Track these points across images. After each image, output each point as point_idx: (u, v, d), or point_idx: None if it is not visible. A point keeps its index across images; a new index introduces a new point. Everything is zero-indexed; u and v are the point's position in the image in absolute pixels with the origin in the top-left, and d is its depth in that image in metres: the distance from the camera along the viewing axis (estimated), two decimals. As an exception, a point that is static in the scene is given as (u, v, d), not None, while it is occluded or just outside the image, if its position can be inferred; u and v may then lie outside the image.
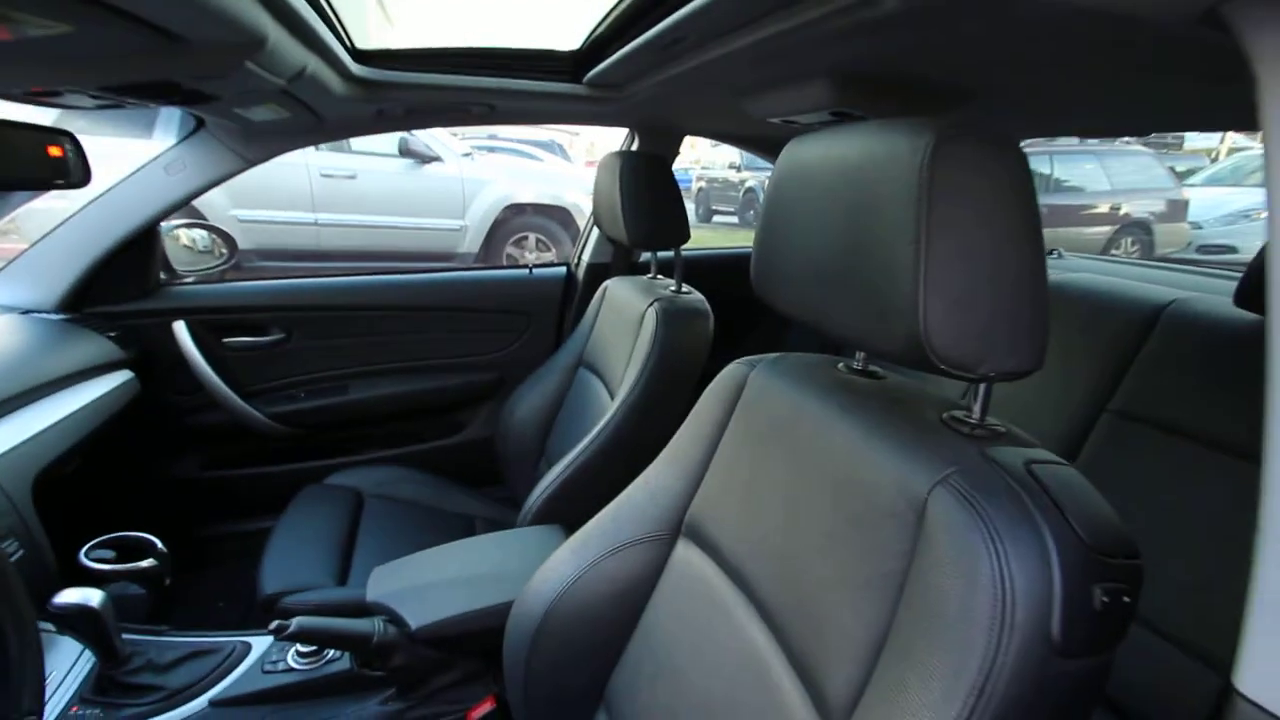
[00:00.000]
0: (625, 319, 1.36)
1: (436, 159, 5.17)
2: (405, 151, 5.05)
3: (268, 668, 0.95)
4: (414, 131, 5.04)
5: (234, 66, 0.65)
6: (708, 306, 1.32)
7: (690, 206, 2.03)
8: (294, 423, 1.60)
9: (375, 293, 1.65)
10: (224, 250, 1.67)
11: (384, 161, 5.06)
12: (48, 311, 1.32)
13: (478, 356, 1.78)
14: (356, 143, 5.05)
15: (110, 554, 0.99)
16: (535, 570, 0.91)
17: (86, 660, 0.89)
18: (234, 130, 1.28)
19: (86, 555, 0.97)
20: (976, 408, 0.55)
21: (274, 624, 0.87)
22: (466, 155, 5.50)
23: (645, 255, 1.57)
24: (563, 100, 1.34)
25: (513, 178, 5.54)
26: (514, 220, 5.48)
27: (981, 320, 0.47)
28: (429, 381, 1.74)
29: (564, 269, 1.86)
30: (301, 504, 1.38)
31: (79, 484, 1.21)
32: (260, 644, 1.01)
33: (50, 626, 0.89)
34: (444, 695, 0.97)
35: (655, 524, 0.83)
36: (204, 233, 1.68)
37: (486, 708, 0.96)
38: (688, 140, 1.82)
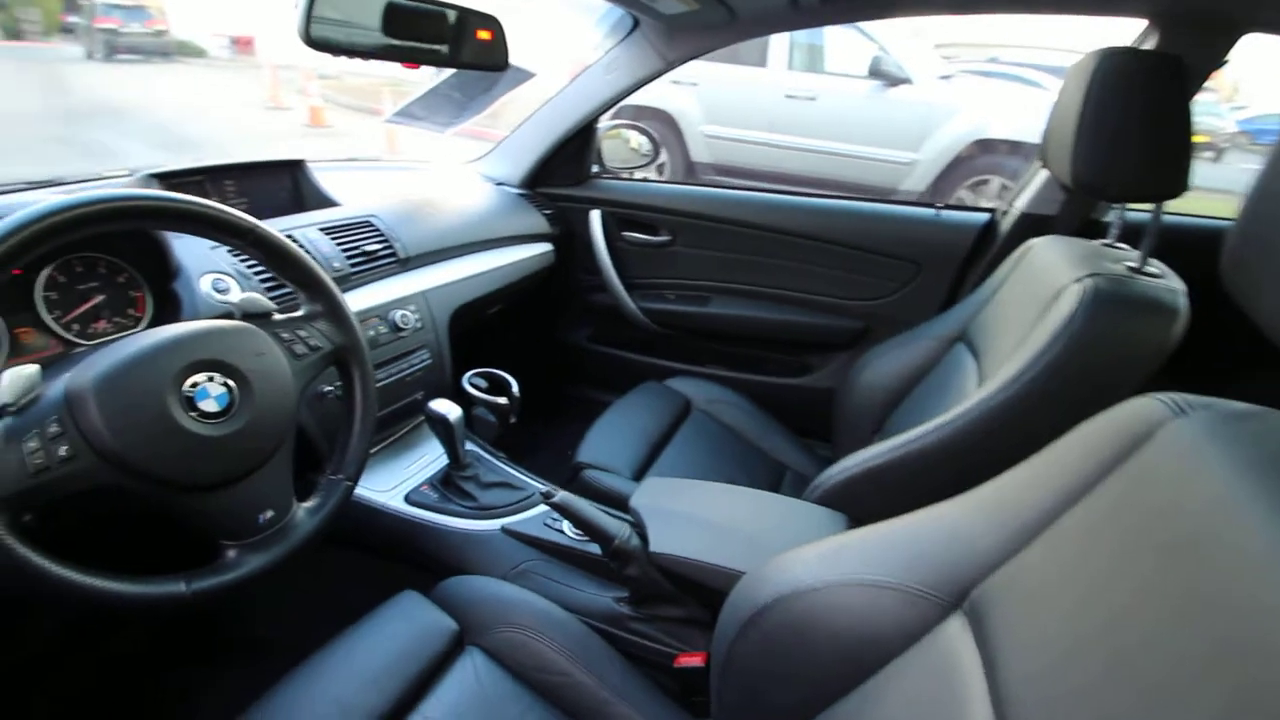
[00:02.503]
0: (1036, 291, 0.98)
1: (906, 81, 4.69)
2: (875, 72, 4.71)
3: (549, 522, 1.07)
4: (890, 50, 4.66)
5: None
6: (1180, 300, 0.85)
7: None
8: (657, 320, 1.71)
9: (759, 210, 1.58)
10: (650, 155, 1.82)
11: (849, 83, 4.83)
12: (513, 186, 1.67)
13: (848, 300, 1.58)
14: (830, 62, 4.95)
15: (483, 384, 1.24)
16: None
17: (444, 459, 1.14)
18: (659, 29, 1.32)
19: (467, 379, 1.22)
20: None
21: (544, 489, 0.96)
22: (945, 78, 4.84)
23: (1112, 215, 1.10)
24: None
25: (992, 108, 4.66)
26: (979, 159, 4.67)
27: None
28: (787, 314, 1.63)
29: (985, 216, 1.46)
30: (638, 395, 1.49)
31: (490, 325, 1.54)
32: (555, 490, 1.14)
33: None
34: (665, 626, 0.94)
35: (934, 575, 0.59)
36: (644, 138, 1.85)
37: (695, 661, 0.89)
38: None
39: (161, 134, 6.77)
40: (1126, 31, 1.27)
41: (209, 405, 0.62)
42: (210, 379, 0.63)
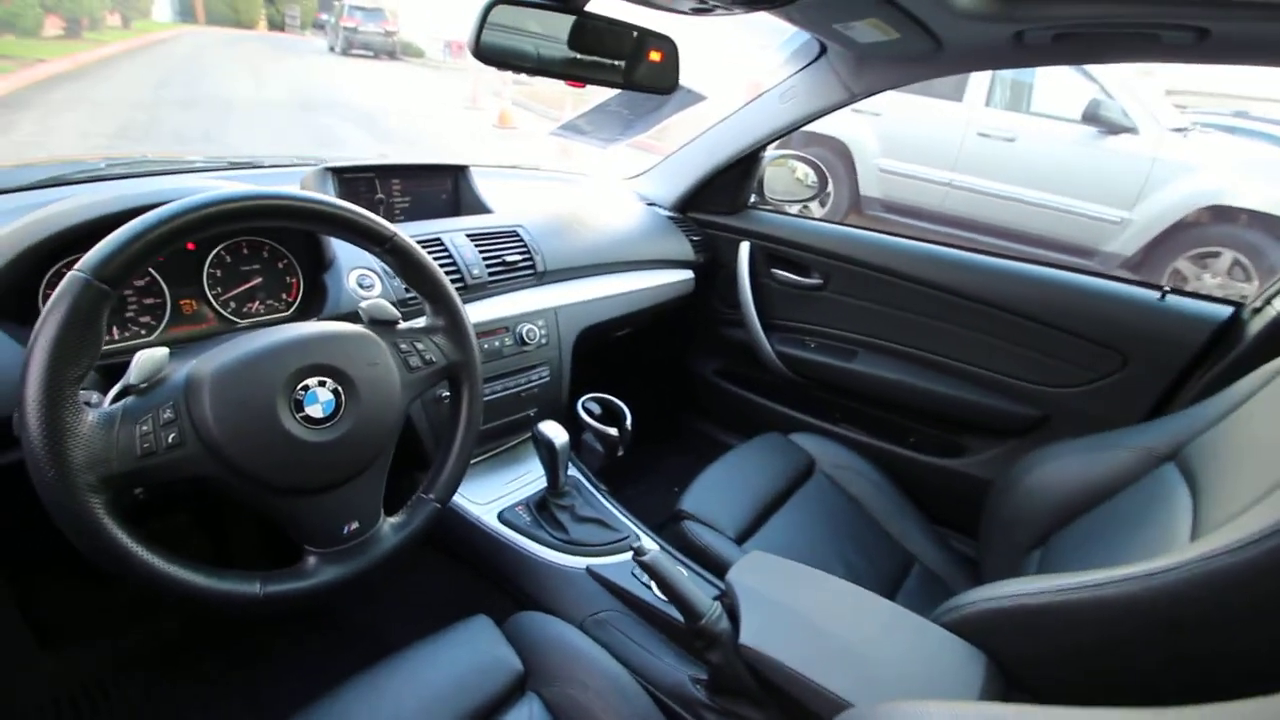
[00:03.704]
0: None
1: (1129, 130, 4.09)
2: (1091, 117, 4.16)
3: (636, 572, 1.00)
4: (1113, 93, 4.09)
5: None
6: None
7: None
8: (793, 367, 1.58)
9: (930, 264, 1.40)
10: (814, 188, 1.69)
11: (1058, 126, 4.31)
12: (664, 208, 1.62)
13: (1027, 382, 1.35)
14: (1038, 101, 4.46)
15: (597, 410, 1.19)
16: (904, 693, 0.64)
17: (544, 481, 1.11)
18: (848, 59, 1.20)
19: (582, 404, 1.18)
20: None
21: (637, 544, 0.89)
22: (1179, 131, 4.16)
23: None
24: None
25: (1237, 171, 3.93)
26: (1210, 228, 3.99)
27: None
28: (948, 385, 1.43)
29: (1226, 310, 1.17)
30: (757, 446, 1.37)
31: (617, 344, 1.49)
32: (648, 546, 1.07)
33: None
34: (742, 729, 0.83)
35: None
36: (811, 170, 1.73)
37: None
38: None
39: (374, 124, 7.73)
40: None
41: (315, 410, 0.62)
42: (321, 383, 0.62)
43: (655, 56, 0.86)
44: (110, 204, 0.71)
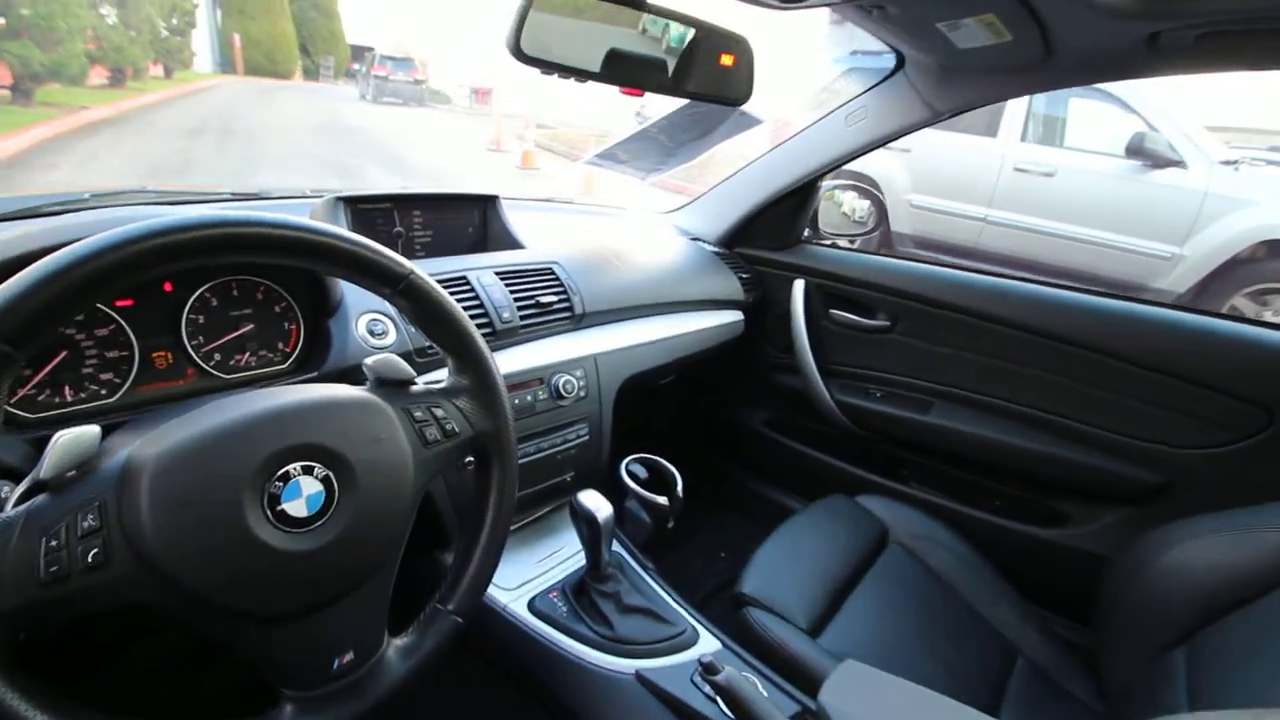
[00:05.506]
0: None
1: (1177, 164, 3.93)
2: (1135, 150, 4.01)
3: (696, 680, 0.81)
4: (1159, 127, 3.94)
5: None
6: None
7: None
8: (855, 419, 1.40)
9: (1020, 305, 1.22)
10: (871, 224, 1.54)
11: (1099, 161, 4.17)
12: (709, 244, 1.47)
13: (1144, 441, 1.15)
14: (1072, 135, 4.33)
15: (643, 474, 1.02)
16: None
17: (582, 558, 0.93)
18: (931, 70, 1.05)
19: (626, 466, 1.01)
20: None
21: (707, 659, 0.71)
22: (1229, 164, 3.99)
23: None
24: None
25: (1293, 203, 3.75)
26: (1267, 263, 3.81)
27: None
28: (1043, 443, 1.23)
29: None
30: (821, 512, 1.19)
31: (657, 392, 1.33)
32: (707, 643, 0.89)
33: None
34: None
35: None
36: (866, 204, 1.59)
37: None
38: None
39: (395, 162, 7.86)
40: None
41: (296, 507, 0.46)
42: (307, 470, 0.46)
43: (726, 60, 0.72)
44: (35, 238, 0.56)
